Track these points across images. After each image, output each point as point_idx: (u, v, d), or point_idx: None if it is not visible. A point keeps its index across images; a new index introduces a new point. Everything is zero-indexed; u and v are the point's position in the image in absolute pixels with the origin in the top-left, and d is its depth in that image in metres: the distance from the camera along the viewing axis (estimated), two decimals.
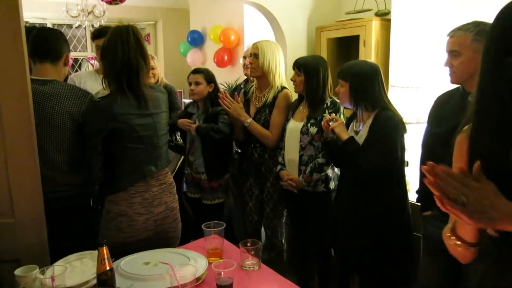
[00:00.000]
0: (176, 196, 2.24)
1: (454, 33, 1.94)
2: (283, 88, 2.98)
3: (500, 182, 0.98)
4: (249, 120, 2.93)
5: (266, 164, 3.01)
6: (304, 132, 2.74)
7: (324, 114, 2.66)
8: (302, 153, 2.76)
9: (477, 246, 1.13)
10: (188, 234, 2.72)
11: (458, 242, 1.14)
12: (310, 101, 2.77)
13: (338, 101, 2.72)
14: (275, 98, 2.95)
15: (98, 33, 2.87)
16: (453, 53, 1.94)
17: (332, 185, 2.73)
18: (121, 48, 1.98)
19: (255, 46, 2.96)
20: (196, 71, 3.18)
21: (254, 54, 2.93)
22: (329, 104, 2.71)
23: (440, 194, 0.96)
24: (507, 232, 1.14)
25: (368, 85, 2.31)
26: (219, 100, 2.94)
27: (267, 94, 2.99)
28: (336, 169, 2.76)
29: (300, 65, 2.77)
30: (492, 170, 1.00)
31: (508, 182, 1.00)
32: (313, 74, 2.70)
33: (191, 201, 3.33)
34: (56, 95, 2.06)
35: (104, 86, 2.08)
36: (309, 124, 2.72)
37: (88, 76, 2.98)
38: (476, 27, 1.88)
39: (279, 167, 2.90)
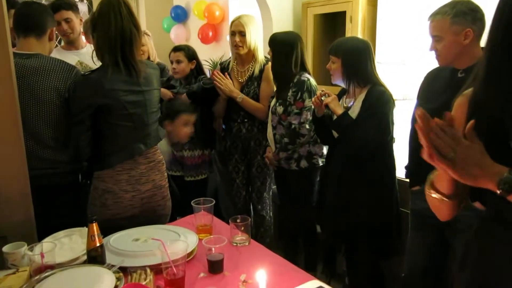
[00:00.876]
0: (165, 174, 2.22)
1: (433, 18, 1.94)
2: (268, 60, 2.98)
3: (493, 146, 1.04)
4: (241, 95, 2.92)
5: (255, 138, 3.01)
6: (273, 111, 2.75)
7: (288, 93, 2.66)
8: (274, 132, 2.78)
9: (452, 198, 1.19)
10: (174, 212, 2.73)
11: (435, 195, 1.20)
12: (275, 78, 2.78)
13: (307, 79, 2.69)
14: (261, 71, 2.95)
15: (56, 7, 2.76)
16: (435, 38, 1.94)
17: (319, 161, 2.76)
18: (114, 18, 1.94)
19: (239, 23, 2.92)
20: (176, 48, 3.13)
21: (240, 32, 2.90)
22: (295, 81, 2.68)
23: (430, 146, 1.02)
24: (492, 206, 1.18)
25: (360, 61, 2.32)
26: (212, 76, 2.94)
27: (251, 68, 2.98)
28: (315, 148, 2.76)
29: (269, 41, 2.78)
30: (486, 133, 1.05)
31: (501, 149, 1.06)
32: (278, 50, 2.70)
33: (172, 179, 3.32)
34: (42, 69, 2.02)
35: (94, 61, 2.03)
36: (277, 103, 2.72)
37: (56, 54, 2.89)
38: (453, 9, 1.86)
39: (266, 142, 2.93)
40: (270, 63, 2.95)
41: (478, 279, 1.22)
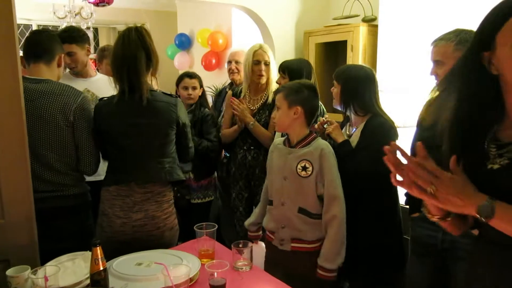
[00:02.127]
0: (166, 205, 2.16)
1: (437, 43, 1.97)
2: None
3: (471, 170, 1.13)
4: (253, 122, 2.93)
5: (261, 166, 2.99)
6: None
7: None
8: None
9: (446, 219, 1.25)
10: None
11: (434, 218, 1.27)
12: None
13: (320, 104, 2.73)
14: (274, 99, 2.96)
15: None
16: (437, 62, 1.97)
17: None
18: (122, 46, 2.02)
19: (265, 53, 2.97)
20: (191, 76, 3.18)
21: (265, 62, 2.95)
22: None
23: (407, 180, 1.12)
24: (485, 231, 1.23)
25: (358, 90, 2.31)
26: (231, 104, 2.97)
27: (264, 96, 3.01)
28: None
29: (284, 68, 2.84)
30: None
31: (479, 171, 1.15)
32: (296, 76, 2.72)
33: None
34: (49, 93, 2.08)
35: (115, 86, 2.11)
36: None
37: (65, 79, 2.92)
38: (457, 36, 1.90)
39: None
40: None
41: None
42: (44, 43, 2.19)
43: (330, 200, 2.07)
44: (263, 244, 2.38)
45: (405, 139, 3.00)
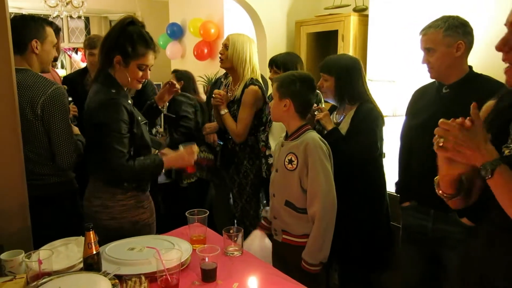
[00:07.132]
0: (120, 196, 2.05)
1: (426, 31, 2.00)
2: (250, 84, 2.87)
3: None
4: (226, 111, 2.92)
5: (237, 157, 3.01)
6: None
7: None
8: None
9: (455, 197, 1.32)
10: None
11: (442, 193, 1.33)
12: None
13: (318, 91, 2.77)
14: (242, 93, 2.88)
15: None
16: (428, 50, 1.99)
17: None
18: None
19: (227, 37, 2.94)
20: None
21: (225, 45, 2.90)
22: None
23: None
24: (482, 223, 1.26)
25: (352, 80, 2.34)
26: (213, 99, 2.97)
27: (237, 89, 2.94)
28: None
29: (279, 63, 2.82)
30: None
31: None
32: (292, 70, 2.75)
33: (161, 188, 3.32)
34: (20, 85, 1.97)
35: None
36: None
37: None
38: (445, 23, 1.94)
39: (247, 162, 2.95)
40: (251, 87, 2.85)
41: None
42: (13, 33, 1.93)
43: (311, 197, 2.05)
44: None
45: (395, 128, 3.05)
